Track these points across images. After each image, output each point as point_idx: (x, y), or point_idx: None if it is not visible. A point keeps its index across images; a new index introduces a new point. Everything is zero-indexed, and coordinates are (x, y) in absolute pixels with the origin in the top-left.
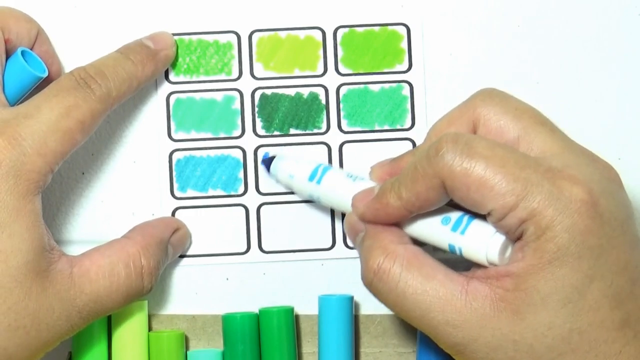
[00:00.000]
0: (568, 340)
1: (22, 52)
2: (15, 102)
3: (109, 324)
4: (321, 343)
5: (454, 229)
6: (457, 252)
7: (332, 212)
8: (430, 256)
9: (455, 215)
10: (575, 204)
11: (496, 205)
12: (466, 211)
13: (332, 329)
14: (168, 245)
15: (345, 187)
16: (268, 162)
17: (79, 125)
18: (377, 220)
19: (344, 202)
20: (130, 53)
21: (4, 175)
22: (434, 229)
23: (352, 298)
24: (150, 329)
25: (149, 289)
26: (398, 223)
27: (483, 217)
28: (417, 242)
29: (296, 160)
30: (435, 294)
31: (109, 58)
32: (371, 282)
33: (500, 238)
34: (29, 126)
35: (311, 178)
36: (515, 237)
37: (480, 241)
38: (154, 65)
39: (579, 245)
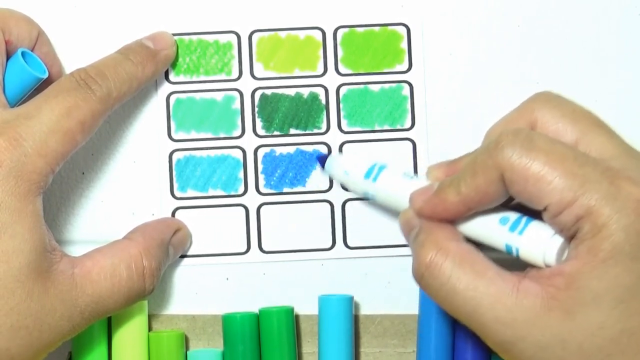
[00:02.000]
0: (618, 341)
1: (23, 53)
2: (15, 103)
3: (109, 324)
4: (321, 343)
5: (512, 229)
6: (514, 252)
7: (332, 212)
8: (482, 254)
9: (513, 215)
10: (632, 204)
11: (553, 201)
12: (523, 213)
13: (332, 329)
14: (169, 246)
15: (401, 185)
16: (323, 159)
17: (79, 125)
18: (434, 216)
19: (399, 200)
20: (130, 54)
21: (5, 176)
22: (491, 229)
23: (352, 298)
24: (150, 329)
25: (151, 290)
26: (454, 222)
27: (540, 219)
28: (470, 242)
29: (352, 157)
30: (486, 291)
31: (109, 59)
32: (422, 276)
33: (559, 240)
34: (30, 127)
35: (367, 176)
36: (570, 234)
37: (539, 242)
38: (154, 65)
39: (633, 246)
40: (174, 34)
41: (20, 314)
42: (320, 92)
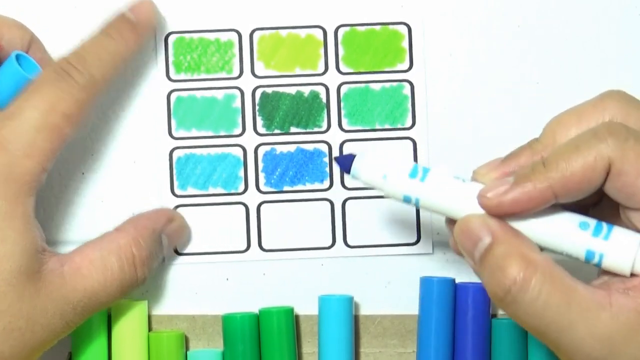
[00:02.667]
0: None
1: (17, 56)
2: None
3: (109, 324)
4: (321, 343)
5: (596, 233)
6: (596, 259)
7: (332, 211)
8: (562, 267)
9: (592, 221)
10: None
11: None
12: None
13: (332, 329)
14: (162, 236)
15: (456, 187)
16: (345, 161)
17: (65, 119)
18: (516, 209)
19: (453, 204)
20: (111, 30)
21: None
22: (570, 234)
23: (352, 298)
24: (150, 329)
25: (143, 280)
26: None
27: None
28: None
29: (386, 158)
30: (579, 307)
31: (89, 41)
32: (508, 293)
33: None
34: (13, 128)
35: (412, 175)
36: None
37: (627, 247)
38: (137, 37)
39: None
40: (175, 32)
41: (12, 316)
42: (321, 90)
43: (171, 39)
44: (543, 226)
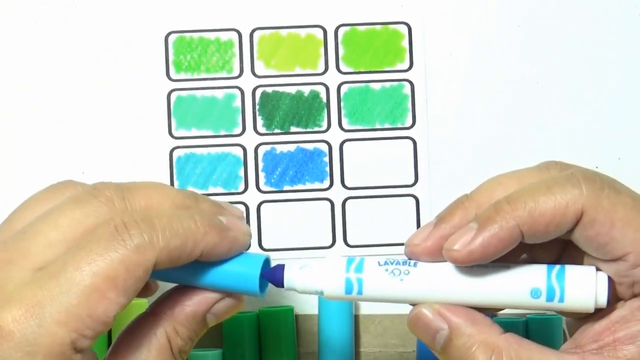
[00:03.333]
0: None
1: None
2: None
3: None
4: (321, 343)
5: (549, 298)
6: (556, 298)
7: (332, 210)
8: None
9: (542, 281)
10: None
11: (636, 250)
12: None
13: (332, 329)
14: (208, 315)
15: (393, 288)
16: (274, 275)
17: (109, 282)
18: (487, 255)
19: (395, 302)
20: (196, 214)
21: (13, 351)
22: (523, 303)
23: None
24: None
25: None
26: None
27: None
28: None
29: (317, 271)
30: None
31: (167, 209)
32: None
33: (605, 275)
34: (50, 289)
35: (348, 292)
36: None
37: (587, 279)
38: (219, 238)
39: None
40: (175, 32)
41: None
42: (321, 90)
43: (171, 38)
44: (495, 296)
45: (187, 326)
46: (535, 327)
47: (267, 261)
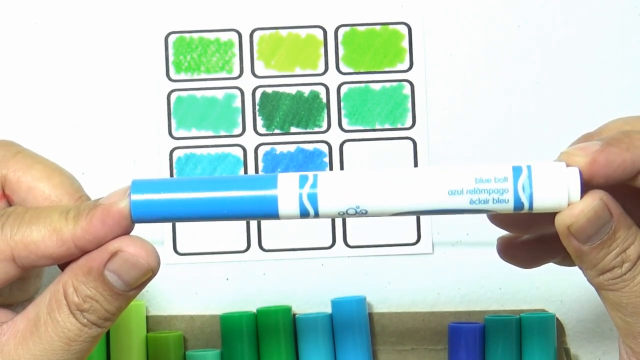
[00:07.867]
0: None
1: None
2: None
3: None
4: (338, 347)
5: (516, 169)
6: (526, 206)
7: None
8: None
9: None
10: None
11: None
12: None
13: (347, 332)
14: (106, 273)
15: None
16: None
17: None
18: (608, 171)
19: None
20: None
21: None
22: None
23: (364, 299)
24: (148, 330)
25: (92, 325)
26: None
27: None
28: None
29: None
30: None
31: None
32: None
33: (575, 170)
34: None
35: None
36: None
37: (558, 170)
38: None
39: None
40: (176, 32)
41: None
42: (321, 90)
43: (171, 38)
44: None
45: (84, 282)
46: (528, 325)
47: None
